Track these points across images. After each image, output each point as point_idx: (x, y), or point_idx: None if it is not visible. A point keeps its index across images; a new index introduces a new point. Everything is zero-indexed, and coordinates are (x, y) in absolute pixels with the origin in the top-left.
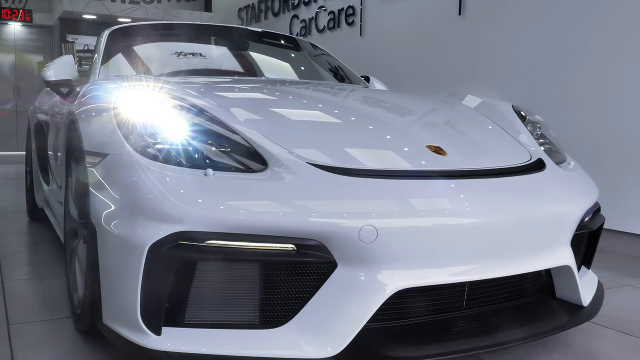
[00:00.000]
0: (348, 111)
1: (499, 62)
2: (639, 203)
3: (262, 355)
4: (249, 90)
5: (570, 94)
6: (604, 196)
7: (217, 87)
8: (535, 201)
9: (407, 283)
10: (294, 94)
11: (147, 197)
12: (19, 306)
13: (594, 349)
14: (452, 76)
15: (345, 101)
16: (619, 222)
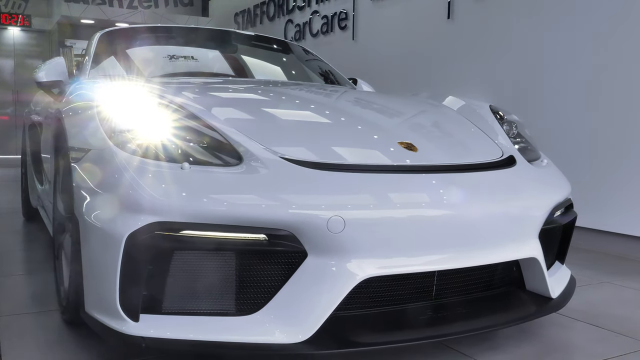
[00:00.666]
0: (324, 109)
1: (486, 64)
2: (620, 203)
3: (235, 341)
4: (231, 90)
5: (555, 95)
6: (588, 196)
7: (200, 87)
8: (503, 195)
9: (373, 272)
10: (274, 94)
11: (126, 190)
12: (10, 300)
13: (563, 340)
14: (442, 78)
15: (323, 100)
16: (602, 222)
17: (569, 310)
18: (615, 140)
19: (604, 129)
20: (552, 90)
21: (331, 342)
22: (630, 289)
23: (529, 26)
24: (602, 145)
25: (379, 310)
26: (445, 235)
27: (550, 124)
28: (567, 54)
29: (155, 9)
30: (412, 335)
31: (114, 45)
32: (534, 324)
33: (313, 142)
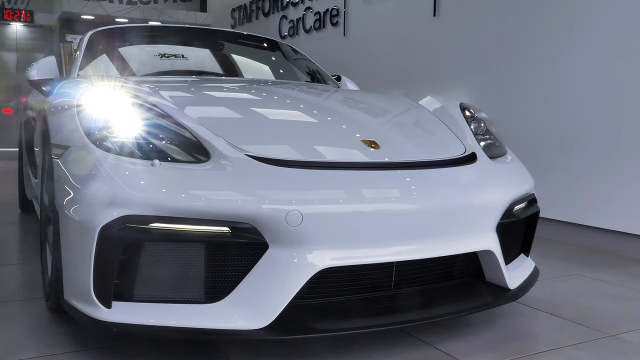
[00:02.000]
0: (294, 108)
1: (469, 60)
2: (595, 197)
3: (200, 327)
4: (209, 88)
5: (535, 89)
6: (564, 191)
7: (178, 86)
8: (459, 191)
9: (330, 263)
10: (250, 92)
11: (101, 184)
12: (1, 288)
13: (522, 329)
14: (427, 74)
15: (295, 99)
16: (577, 215)
17: (534, 300)
18: (590, 138)
19: (582, 125)
20: (532, 83)
21: (290, 328)
22: (598, 281)
23: (508, 23)
24: (578, 141)
25: (339, 299)
26: (400, 228)
27: (530, 117)
28: (544, 48)
29: (155, 4)
30: (368, 323)
31: (102, 44)
32: (496, 313)
33: (278, 140)
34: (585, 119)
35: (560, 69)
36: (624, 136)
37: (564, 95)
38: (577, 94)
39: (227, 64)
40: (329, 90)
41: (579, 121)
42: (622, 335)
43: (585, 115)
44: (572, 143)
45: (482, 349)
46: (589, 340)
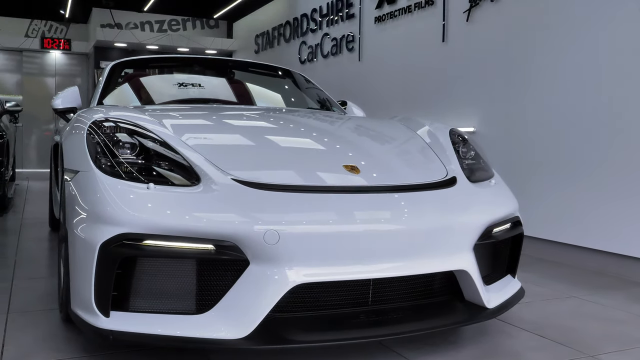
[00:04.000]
0: (286, 134)
1: (475, 83)
2: (598, 221)
3: (187, 335)
4: (210, 117)
5: (539, 110)
6: (569, 213)
7: (184, 115)
8: (434, 213)
9: (305, 279)
10: (248, 120)
11: (102, 205)
12: (22, 299)
13: (502, 347)
14: (436, 97)
15: (289, 126)
16: (580, 238)
17: (521, 320)
18: (597, 160)
19: (587, 148)
20: (536, 105)
21: (268, 339)
22: (592, 303)
23: (513, 48)
24: (585, 163)
25: (317, 314)
26: (374, 248)
27: (532, 138)
28: (548, 71)
29: (184, 31)
30: (341, 336)
31: (121, 75)
32: (480, 332)
33: (265, 166)
34: (596, 141)
35: (559, 93)
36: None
37: (571, 114)
38: (588, 115)
39: (241, 92)
40: (324, 117)
41: (589, 143)
42: (601, 356)
43: (598, 137)
44: (579, 164)
45: None
46: (562, 358)
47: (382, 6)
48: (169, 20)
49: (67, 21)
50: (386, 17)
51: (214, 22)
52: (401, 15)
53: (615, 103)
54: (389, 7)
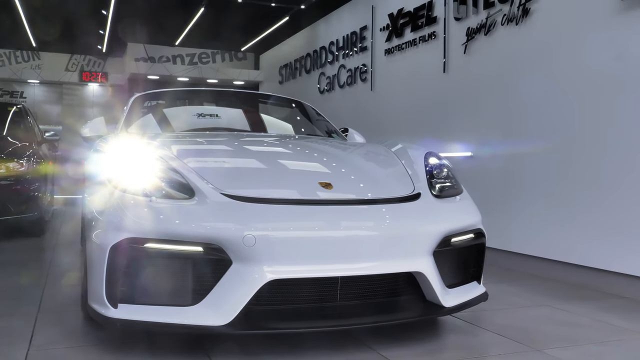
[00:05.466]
0: (275, 156)
1: (473, 110)
2: (582, 237)
3: (182, 323)
4: (213, 142)
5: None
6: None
7: (190, 141)
8: (396, 222)
9: (277, 276)
10: (246, 145)
11: (113, 214)
12: (50, 302)
13: (461, 342)
14: (438, 122)
15: (281, 149)
16: (564, 254)
17: (489, 323)
18: (581, 179)
19: (569, 170)
20: (527, 130)
21: (246, 325)
22: (563, 311)
23: (503, 78)
24: (571, 182)
25: (291, 307)
26: (340, 251)
27: (522, 161)
28: (533, 99)
29: (213, 64)
30: (310, 325)
31: (143, 106)
32: (447, 329)
33: (250, 182)
34: (586, 163)
35: (542, 118)
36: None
37: (561, 138)
38: (572, 139)
39: (252, 121)
40: (313, 142)
41: (577, 168)
42: (547, 350)
43: (588, 162)
44: (566, 185)
45: (417, 355)
46: (513, 352)
47: (391, 39)
48: (199, 54)
49: (104, 55)
50: (395, 49)
51: (242, 54)
52: (408, 47)
53: (588, 125)
54: (397, 40)
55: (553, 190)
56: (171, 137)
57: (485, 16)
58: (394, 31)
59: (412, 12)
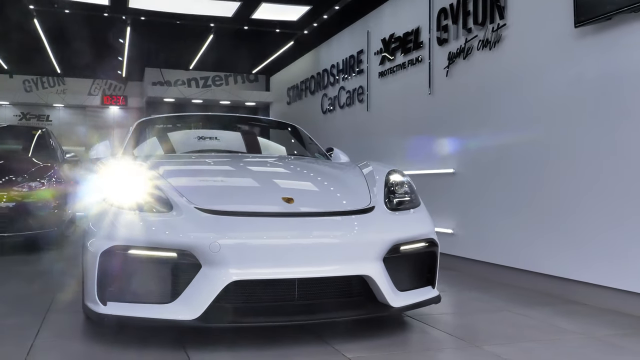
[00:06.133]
0: (247, 176)
1: (453, 128)
2: (548, 249)
3: (159, 317)
4: (197, 163)
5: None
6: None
7: (176, 162)
8: (348, 231)
9: (238, 277)
10: (227, 165)
11: (105, 225)
12: (60, 304)
13: (410, 338)
14: (425, 140)
15: (255, 168)
16: (533, 264)
17: (443, 324)
18: (548, 196)
19: (536, 187)
20: (500, 148)
21: (212, 320)
22: (519, 315)
23: (481, 98)
24: (538, 199)
25: (254, 305)
26: (296, 256)
27: (496, 178)
28: (509, 121)
29: (226, 86)
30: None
31: (144, 131)
32: (402, 328)
33: (221, 197)
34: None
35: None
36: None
37: (532, 152)
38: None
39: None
40: (289, 161)
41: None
42: (485, 347)
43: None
44: (535, 201)
45: (365, 349)
46: (453, 347)
47: (384, 63)
48: (213, 76)
49: (125, 79)
50: (387, 72)
51: (253, 76)
52: (398, 70)
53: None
54: (389, 63)
55: (524, 206)
56: (162, 158)
57: (464, 41)
58: (386, 55)
59: (402, 37)
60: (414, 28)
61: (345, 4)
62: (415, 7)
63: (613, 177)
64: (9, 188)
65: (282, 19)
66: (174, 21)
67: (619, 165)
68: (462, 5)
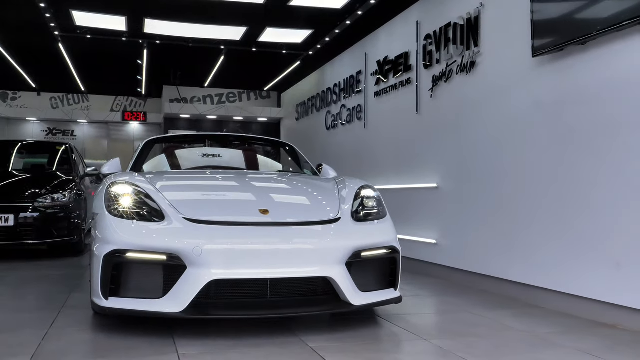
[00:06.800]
0: (231, 190)
1: (437, 143)
2: (514, 257)
3: (151, 310)
4: (191, 178)
5: (485, 162)
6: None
7: (172, 177)
8: (314, 238)
9: (217, 277)
10: (217, 180)
11: (107, 232)
12: (75, 301)
13: (368, 333)
14: (413, 155)
15: (238, 184)
16: (502, 272)
17: (404, 322)
18: (515, 210)
19: (503, 201)
20: (475, 164)
21: (194, 312)
22: (476, 316)
23: (460, 118)
24: (506, 212)
25: (231, 301)
26: (267, 259)
27: (472, 193)
28: (482, 139)
29: (239, 102)
30: (242, 313)
31: (150, 149)
32: (362, 324)
33: (206, 209)
34: (523, 190)
35: (505, 146)
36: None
37: (510, 169)
38: (523, 170)
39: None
40: (273, 177)
41: (518, 192)
42: (432, 340)
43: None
44: (504, 214)
45: (327, 340)
46: (403, 340)
47: (379, 83)
48: (227, 93)
49: (145, 96)
50: (382, 92)
51: (265, 93)
52: (391, 91)
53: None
54: (383, 84)
55: (494, 218)
56: (161, 174)
57: (445, 66)
58: (380, 77)
59: (394, 60)
60: (404, 52)
61: (345, 28)
62: (406, 32)
63: (560, 193)
64: (34, 200)
65: (288, 41)
66: (187, 44)
67: (566, 183)
68: (444, 32)
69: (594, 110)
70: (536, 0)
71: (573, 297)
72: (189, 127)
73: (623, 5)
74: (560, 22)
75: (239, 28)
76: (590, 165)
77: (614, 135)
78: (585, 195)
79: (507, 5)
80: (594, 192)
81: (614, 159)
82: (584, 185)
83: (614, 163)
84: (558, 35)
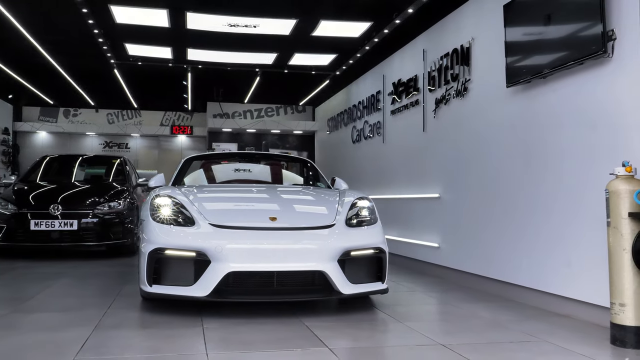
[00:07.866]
0: (251, 201)
1: (440, 158)
2: (500, 258)
3: (184, 294)
4: (220, 191)
5: (480, 173)
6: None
7: (206, 191)
8: (312, 240)
9: (234, 269)
10: (239, 193)
11: (150, 234)
12: (127, 291)
13: (357, 317)
14: (421, 169)
15: (258, 196)
16: (487, 271)
17: (391, 310)
18: (502, 215)
19: (488, 206)
20: (472, 173)
21: (217, 296)
22: (456, 307)
23: (458, 135)
24: (489, 215)
25: (246, 289)
26: (274, 256)
27: (466, 201)
28: (471, 155)
29: (277, 116)
30: (255, 297)
31: (188, 165)
32: (355, 310)
33: (227, 217)
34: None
35: (496, 157)
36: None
37: (500, 176)
38: (515, 176)
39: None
40: (287, 189)
41: (505, 200)
42: (405, 322)
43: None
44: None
45: (322, 321)
46: (382, 322)
47: (394, 103)
48: (266, 108)
49: (191, 112)
50: (396, 110)
51: (301, 107)
52: (404, 110)
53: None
54: (398, 103)
55: (486, 224)
56: (196, 188)
57: (445, 90)
58: (395, 96)
59: (406, 82)
60: (414, 75)
61: (365, 52)
62: (415, 58)
63: (527, 203)
64: (94, 207)
65: (315, 63)
66: (226, 68)
67: (533, 196)
68: (444, 60)
69: (547, 134)
70: (508, 38)
71: (540, 293)
72: (230, 139)
73: (570, 50)
74: (528, 59)
75: (270, 54)
76: (550, 182)
77: (563, 157)
78: (544, 205)
79: (491, 39)
80: (551, 203)
81: (562, 176)
82: (544, 197)
83: (564, 179)
84: (524, 70)
